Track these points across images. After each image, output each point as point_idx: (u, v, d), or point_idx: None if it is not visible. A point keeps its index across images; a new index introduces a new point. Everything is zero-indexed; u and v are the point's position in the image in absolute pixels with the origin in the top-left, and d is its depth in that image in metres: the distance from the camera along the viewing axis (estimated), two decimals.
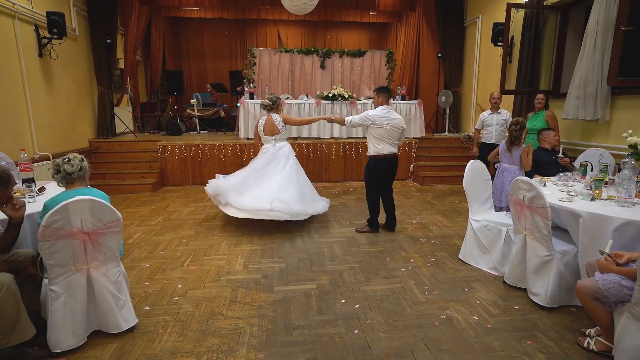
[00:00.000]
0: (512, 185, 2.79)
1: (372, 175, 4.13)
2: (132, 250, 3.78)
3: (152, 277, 3.20)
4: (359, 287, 3.02)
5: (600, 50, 4.48)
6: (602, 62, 4.49)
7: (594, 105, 4.65)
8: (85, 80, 7.12)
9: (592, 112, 4.68)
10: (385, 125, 3.97)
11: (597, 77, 4.56)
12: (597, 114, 4.63)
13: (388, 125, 3.97)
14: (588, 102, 4.71)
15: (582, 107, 4.78)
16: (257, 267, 3.40)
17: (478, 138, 5.68)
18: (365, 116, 4.00)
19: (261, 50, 8.42)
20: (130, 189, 6.34)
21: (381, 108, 4.01)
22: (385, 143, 4.00)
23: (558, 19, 5.85)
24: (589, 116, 4.71)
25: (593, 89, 4.61)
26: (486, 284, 3.06)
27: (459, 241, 4.02)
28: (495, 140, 5.37)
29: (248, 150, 6.91)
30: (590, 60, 4.61)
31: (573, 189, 3.10)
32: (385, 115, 3.98)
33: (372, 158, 4.08)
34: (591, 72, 4.61)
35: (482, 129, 5.56)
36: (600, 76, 4.54)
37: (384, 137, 4.00)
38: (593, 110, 4.66)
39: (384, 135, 3.99)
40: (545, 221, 2.53)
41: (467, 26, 8.31)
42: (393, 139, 4.04)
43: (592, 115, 4.68)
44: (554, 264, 2.58)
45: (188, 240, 4.08)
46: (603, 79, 4.51)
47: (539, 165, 4.09)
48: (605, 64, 4.46)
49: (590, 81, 4.63)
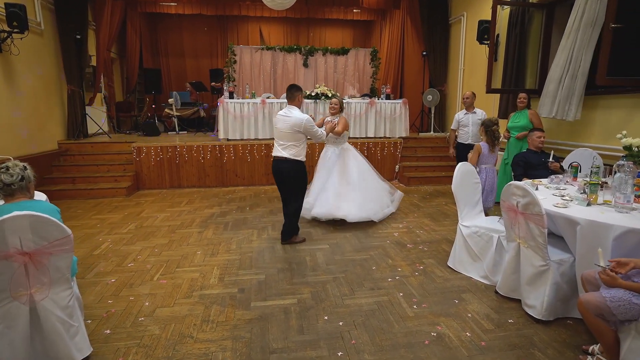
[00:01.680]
0: (504, 191, 2.62)
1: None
2: (98, 263, 3.47)
3: (117, 293, 2.91)
4: (343, 301, 2.80)
5: (579, 48, 4.35)
6: (579, 60, 4.36)
7: (567, 104, 4.53)
8: (53, 78, 6.70)
9: (567, 111, 4.57)
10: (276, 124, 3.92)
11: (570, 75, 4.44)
12: (568, 113, 4.53)
13: (276, 124, 3.90)
14: (563, 100, 4.59)
15: (557, 106, 4.66)
16: (233, 280, 3.15)
17: (454, 138, 5.56)
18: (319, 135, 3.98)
19: (242, 48, 8.14)
20: (102, 194, 5.98)
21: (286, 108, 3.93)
22: (276, 143, 3.91)
23: (543, 16, 5.76)
24: (564, 116, 4.59)
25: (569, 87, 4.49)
26: (478, 295, 2.89)
27: (448, 247, 3.86)
28: (472, 141, 5.26)
29: (228, 152, 6.63)
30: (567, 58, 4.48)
31: (566, 192, 2.96)
32: (281, 112, 3.88)
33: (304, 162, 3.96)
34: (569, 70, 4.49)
35: (457, 129, 5.46)
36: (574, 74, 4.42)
37: (276, 136, 3.94)
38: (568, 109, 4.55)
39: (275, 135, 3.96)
40: (541, 229, 2.37)
41: (452, 24, 8.20)
42: (278, 140, 3.89)
43: (566, 114, 4.56)
44: (549, 274, 2.42)
45: (160, 250, 3.80)
46: (578, 77, 4.40)
47: (529, 167, 3.96)
48: (582, 61, 4.34)
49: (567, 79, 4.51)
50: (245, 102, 6.87)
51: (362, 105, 7.18)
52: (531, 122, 4.87)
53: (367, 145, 7.07)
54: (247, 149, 6.69)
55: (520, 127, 4.94)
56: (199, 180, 6.67)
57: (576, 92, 4.38)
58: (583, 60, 4.26)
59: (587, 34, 4.17)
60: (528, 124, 4.88)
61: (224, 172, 6.71)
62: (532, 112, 4.90)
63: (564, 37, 4.49)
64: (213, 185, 6.72)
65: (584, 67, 4.29)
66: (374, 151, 7.12)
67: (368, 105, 7.18)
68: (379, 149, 7.13)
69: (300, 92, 3.88)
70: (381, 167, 7.19)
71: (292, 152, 3.78)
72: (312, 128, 3.78)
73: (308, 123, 3.73)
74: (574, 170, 3.39)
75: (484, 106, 6.36)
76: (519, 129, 4.96)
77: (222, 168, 6.71)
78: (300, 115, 3.76)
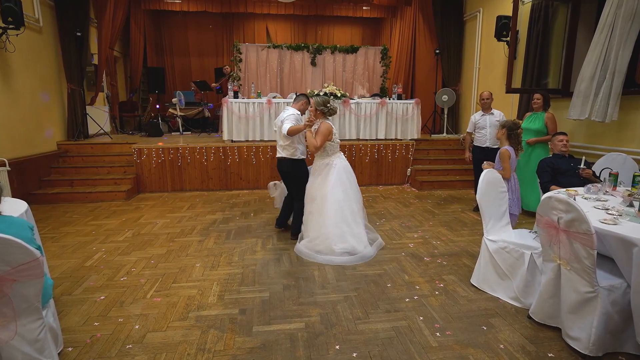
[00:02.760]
0: (543, 204, 2.28)
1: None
2: (88, 277, 3.20)
3: (106, 313, 2.63)
4: (356, 326, 2.49)
5: (617, 43, 3.99)
6: (617, 56, 4.00)
7: (605, 104, 4.16)
8: (53, 77, 6.47)
9: (602, 112, 4.19)
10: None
11: (609, 73, 4.08)
12: (606, 115, 4.15)
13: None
14: (597, 100, 4.23)
15: (590, 106, 4.29)
16: (234, 298, 2.85)
17: (470, 142, 5.20)
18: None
19: (247, 46, 7.85)
20: (100, 197, 5.73)
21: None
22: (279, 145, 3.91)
23: (568, 11, 5.39)
24: (598, 117, 4.22)
25: (604, 86, 4.13)
26: (508, 320, 2.56)
27: (468, 260, 3.53)
28: (490, 144, 4.92)
29: (232, 154, 6.35)
30: (601, 55, 4.12)
31: (609, 204, 2.62)
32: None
33: (303, 161, 3.89)
34: (603, 67, 4.13)
35: (474, 132, 5.11)
36: (612, 72, 4.06)
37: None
38: (603, 109, 4.18)
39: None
40: (589, 250, 2.03)
41: (467, 20, 7.84)
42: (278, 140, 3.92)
43: (602, 116, 4.19)
44: (598, 302, 2.08)
45: (157, 262, 3.52)
46: (616, 75, 4.03)
47: (557, 174, 3.62)
48: (620, 58, 3.97)
49: (602, 78, 4.14)
50: (250, 102, 6.58)
51: (372, 106, 6.86)
52: (545, 126, 4.53)
53: (377, 147, 6.75)
54: (252, 150, 6.41)
55: (534, 131, 4.61)
56: (202, 184, 6.40)
57: (613, 92, 4.01)
58: (620, 57, 3.89)
59: (626, 28, 3.80)
60: (543, 127, 4.55)
61: (228, 175, 6.43)
62: (549, 115, 4.56)
63: (596, 32, 4.13)
64: (216, 188, 6.44)
65: (621, 64, 3.92)
66: (385, 154, 6.79)
67: (379, 106, 6.86)
68: (389, 151, 6.80)
69: (304, 98, 3.85)
70: (392, 170, 6.87)
71: (287, 152, 3.81)
72: (286, 123, 3.67)
73: (284, 115, 3.75)
74: (613, 179, 3.03)
75: (501, 107, 6.01)
76: (533, 132, 4.63)
77: (226, 171, 6.43)
78: (286, 111, 3.76)
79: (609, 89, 4.02)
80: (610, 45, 3.98)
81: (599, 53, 4.07)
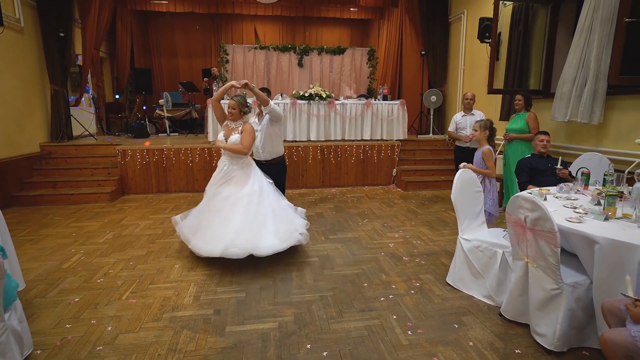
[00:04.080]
0: (511, 203, 2.32)
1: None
2: (64, 279, 3.17)
3: (79, 315, 2.61)
4: (330, 326, 2.50)
5: (598, 46, 4.07)
6: (600, 59, 4.08)
7: (589, 106, 4.25)
8: (35, 78, 6.40)
9: (587, 114, 4.28)
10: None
11: (591, 76, 4.16)
12: (592, 116, 4.24)
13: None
14: (580, 102, 4.31)
15: (573, 108, 4.37)
16: (210, 299, 2.85)
17: (456, 136, 5.23)
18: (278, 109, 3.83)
19: (234, 47, 7.85)
20: (84, 199, 5.68)
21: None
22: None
23: (548, 13, 5.47)
24: (584, 118, 4.31)
25: (587, 89, 4.22)
26: (480, 318, 2.59)
27: (447, 260, 3.56)
28: (470, 144, 4.98)
29: (218, 155, 6.32)
30: (582, 57, 4.20)
31: (578, 203, 2.67)
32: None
33: (283, 158, 3.97)
34: (584, 70, 4.22)
35: (455, 131, 5.18)
36: (595, 75, 4.14)
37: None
38: (588, 111, 4.26)
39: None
40: (553, 248, 2.07)
41: (452, 22, 7.91)
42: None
43: (588, 117, 4.28)
44: (563, 299, 2.12)
45: (136, 263, 3.50)
46: (600, 78, 4.12)
47: (534, 173, 3.68)
48: (603, 61, 4.06)
49: (583, 80, 4.22)
50: None
51: (357, 107, 6.89)
52: (526, 125, 4.61)
53: (363, 148, 6.78)
54: None
55: (516, 130, 4.69)
56: (187, 185, 6.38)
57: (598, 94, 4.07)
58: (604, 60, 3.95)
59: (606, 31, 3.86)
60: (524, 127, 4.63)
61: None
62: (530, 115, 4.65)
63: (575, 35, 4.19)
64: (202, 189, 6.31)
65: (605, 67, 3.97)
66: (370, 154, 6.83)
67: (364, 107, 6.89)
68: (375, 152, 6.84)
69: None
70: (377, 171, 6.90)
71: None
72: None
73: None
74: (585, 178, 3.09)
75: (485, 107, 6.08)
76: (514, 132, 4.71)
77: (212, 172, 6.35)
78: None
79: (592, 92, 4.08)
80: (589, 48, 4.04)
81: (579, 56, 4.14)
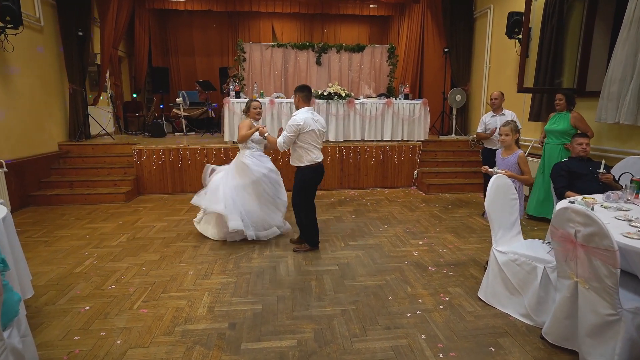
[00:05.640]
0: (558, 215, 2.07)
1: (309, 186, 3.69)
2: (76, 284, 3.07)
3: (88, 327, 2.49)
4: (353, 345, 2.31)
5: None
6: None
7: (634, 106, 3.91)
8: (54, 77, 6.40)
9: (632, 114, 3.94)
10: (315, 128, 3.54)
11: (637, 73, 3.82)
12: (638, 117, 3.90)
13: (316, 128, 3.56)
14: (625, 102, 3.99)
15: (622, 109, 4.04)
16: (224, 311, 2.69)
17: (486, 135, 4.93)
18: (294, 125, 3.47)
19: (251, 45, 7.70)
20: (99, 199, 5.64)
21: (306, 110, 3.59)
22: (317, 149, 3.63)
23: (585, 7, 5.12)
24: (628, 120, 3.97)
25: (632, 87, 3.88)
26: (519, 340, 2.35)
27: (475, 271, 3.32)
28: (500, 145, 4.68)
29: (234, 155, 6.18)
30: (628, 54, 3.88)
31: (632, 214, 2.39)
32: (312, 117, 3.57)
33: (307, 167, 3.60)
34: (630, 67, 3.89)
35: (484, 132, 4.88)
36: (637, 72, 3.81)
37: (315, 142, 3.59)
38: (633, 111, 3.92)
39: (314, 140, 3.58)
40: (611, 269, 1.82)
41: (477, 18, 7.58)
42: (319, 144, 3.67)
43: (632, 118, 3.94)
44: (621, 326, 1.87)
45: (149, 269, 3.38)
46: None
47: (573, 178, 3.38)
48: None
49: (630, 78, 3.89)
50: None
51: (378, 106, 6.65)
52: (574, 127, 4.30)
53: (383, 149, 6.55)
54: None
55: (560, 132, 4.38)
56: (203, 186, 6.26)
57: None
58: None
59: None
60: (569, 128, 4.32)
61: None
62: (575, 115, 4.34)
63: (622, 30, 3.88)
64: None
65: None
66: (391, 155, 6.59)
67: (385, 106, 6.65)
68: (395, 153, 6.59)
69: (297, 91, 3.62)
70: (398, 172, 6.66)
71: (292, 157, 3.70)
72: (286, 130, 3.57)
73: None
74: (636, 185, 2.79)
75: (513, 107, 5.75)
76: (558, 134, 4.40)
77: None
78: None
79: (637, 90, 3.76)
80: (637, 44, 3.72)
81: (628, 51, 3.81)
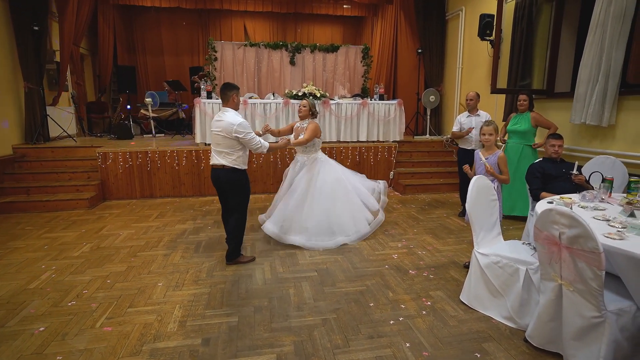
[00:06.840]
0: (542, 217, 2.04)
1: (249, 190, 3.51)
2: (30, 302, 2.79)
3: (42, 350, 2.24)
4: (335, 357, 2.19)
5: (609, 44, 3.85)
6: (610, 57, 3.86)
7: (599, 107, 4.03)
8: (7, 75, 5.94)
9: (597, 115, 4.06)
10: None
11: (602, 75, 3.94)
12: (602, 118, 4.02)
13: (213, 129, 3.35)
14: (590, 103, 4.10)
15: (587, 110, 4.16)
16: (197, 325, 2.51)
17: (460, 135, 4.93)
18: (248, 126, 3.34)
19: (223, 44, 7.46)
20: (60, 206, 5.26)
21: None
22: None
23: (553, 10, 5.26)
24: (593, 120, 4.09)
25: (597, 89, 3.99)
26: (503, 344, 2.31)
27: (456, 273, 3.29)
28: (475, 146, 4.73)
29: (206, 157, 5.96)
30: (595, 56, 3.99)
31: (608, 214, 2.40)
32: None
33: (243, 171, 3.41)
34: (596, 69, 4.00)
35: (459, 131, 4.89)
36: (606, 74, 3.92)
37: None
38: (598, 112, 4.04)
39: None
40: (596, 271, 1.79)
41: (449, 19, 7.67)
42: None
43: (597, 119, 4.06)
44: (606, 328, 1.85)
45: (114, 281, 3.13)
46: (610, 77, 3.89)
47: (547, 179, 3.42)
48: (613, 59, 3.84)
49: (596, 80, 4.01)
50: None
51: (353, 107, 6.59)
52: (535, 127, 4.41)
53: (359, 149, 6.49)
54: None
55: (521, 132, 4.49)
56: (174, 190, 6.00)
57: (608, 94, 3.85)
58: (614, 59, 3.73)
59: (617, 28, 3.64)
60: (530, 128, 4.43)
61: (201, 180, 6.04)
62: (534, 114, 4.49)
63: (589, 33, 3.97)
64: (189, 194, 6.05)
65: (615, 66, 3.76)
66: (367, 156, 6.54)
67: (360, 107, 6.59)
68: (372, 153, 6.56)
69: (234, 91, 3.31)
70: (374, 173, 6.61)
71: (227, 160, 3.31)
72: (245, 135, 3.24)
73: (240, 128, 3.21)
74: (608, 184, 2.84)
75: (485, 108, 5.81)
76: (520, 134, 4.51)
77: (199, 175, 6.04)
78: (232, 118, 3.23)
79: (602, 92, 3.86)
80: (602, 46, 3.82)
81: (594, 54, 3.91)
